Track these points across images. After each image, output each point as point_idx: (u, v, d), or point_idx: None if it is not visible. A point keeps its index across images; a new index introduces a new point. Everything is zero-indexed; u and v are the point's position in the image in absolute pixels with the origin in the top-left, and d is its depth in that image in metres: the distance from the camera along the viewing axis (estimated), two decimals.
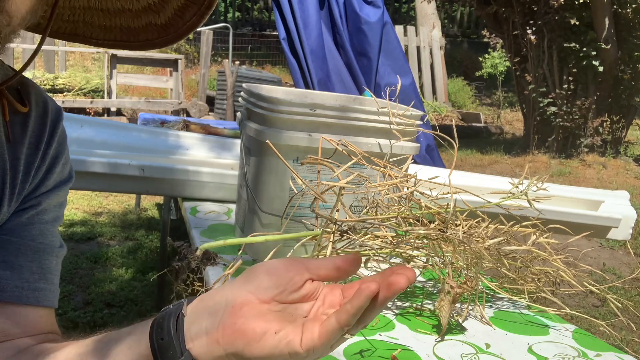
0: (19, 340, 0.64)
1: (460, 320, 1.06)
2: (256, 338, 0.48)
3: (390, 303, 1.10)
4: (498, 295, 1.18)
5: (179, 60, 7.82)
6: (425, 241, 1.05)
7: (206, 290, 1.04)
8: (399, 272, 0.48)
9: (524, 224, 1.09)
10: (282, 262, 0.53)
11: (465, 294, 1.00)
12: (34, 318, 0.66)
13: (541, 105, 6.84)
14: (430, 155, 3.35)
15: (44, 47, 8.25)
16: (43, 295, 0.66)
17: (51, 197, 0.68)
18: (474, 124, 8.94)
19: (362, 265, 1.08)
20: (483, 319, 1.08)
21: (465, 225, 1.04)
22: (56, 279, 0.69)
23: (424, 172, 1.26)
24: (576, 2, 6.22)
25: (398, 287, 0.47)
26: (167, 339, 0.52)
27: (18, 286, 0.64)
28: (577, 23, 6.34)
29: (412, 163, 1.26)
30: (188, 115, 7.38)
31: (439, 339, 0.99)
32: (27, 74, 7.63)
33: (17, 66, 0.69)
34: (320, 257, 1.03)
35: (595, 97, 6.66)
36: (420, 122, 1.26)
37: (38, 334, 0.66)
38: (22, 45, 8.20)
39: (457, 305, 1.11)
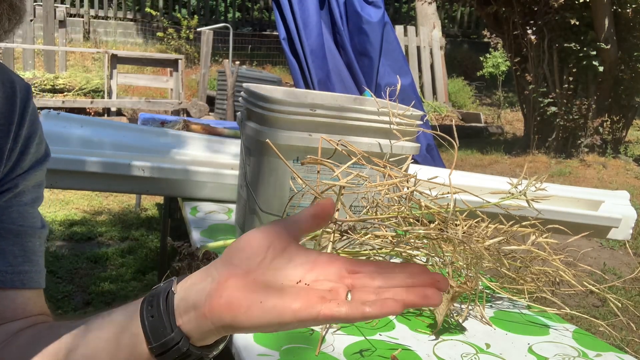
0: (10, 324, 0.64)
1: (460, 320, 1.06)
2: (242, 310, 0.48)
3: None
4: (498, 295, 1.18)
5: (179, 60, 7.82)
6: (425, 241, 1.05)
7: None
8: (439, 284, 0.47)
9: (524, 223, 1.09)
10: (260, 229, 0.52)
11: (465, 293, 1.00)
12: (22, 301, 0.66)
13: (541, 105, 6.84)
14: (430, 155, 3.35)
15: (44, 47, 8.12)
16: (29, 277, 0.66)
17: (28, 178, 0.67)
18: (474, 124, 8.94)
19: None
20: (483, 319, 1.08)
21: (465, 225, 1.04)
22: (41, 259, 0.69)
23: (424, 172, 1.26)
24: (576, 2, 6.22)
25: (431, 303, 0.46)
26: (157, 316, 0.52)
27: (2, 270, 0.64)
28: (577, 23, 6.34)
29: (412, 163, 1.26)
30: (188, 115, 7.38)
31: (434, 338, 0.99)
32: (28, 73, 7.56)
33: (18, 66, 0.68)
34: None
35: (595, 97, 6.66)
36: (420, 122, 1.26)
37: (29, 316, 0.66)
38: (22, 46, 8.21)
39: (457, 305, 1.11)
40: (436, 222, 1.03)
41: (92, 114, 7.44)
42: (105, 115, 7.48)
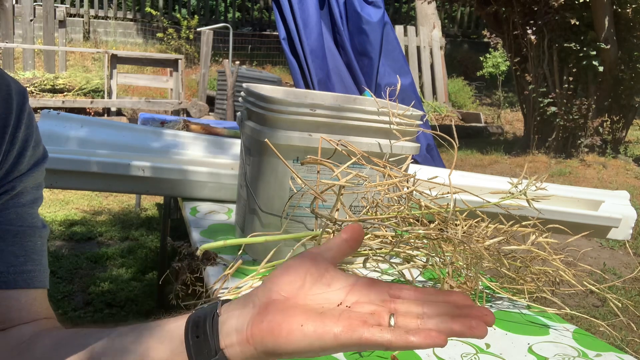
0: (19, 328, 0.64)
1: None
2: (283, 333, 0.48)
3: None
4: (498, 295, 1.18)
5: (179, 60, 7.82)
6: (425, 241, 1.05)
7: (206, 291, 1.05)
8: (486, 317, 0.46)
9: (524, 223, 1.09)
10: (295, 258, 0.53)
11: (465, 294, 1.00)
12: (27, 301, 0.66)
13: (541, 105, 6.84)
14: (430, 155, 3.35)
15: (44, 47, 8.12)
16: (32, 276, 0.67)
17: (25, 180, 0.68)
18: (474, 124, 8.94)
19: (362, 264, 1.08)
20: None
21: (465, 225, 1.04)
22: (44, 259, 0.70)
23: (423, 172, 1.26)
24: (576, 2, 6.22)
25: (477, 334, 0.46)
26: (203, 337, 0.53)
27: (2, 271, 0.64)
28: (577, 23, 6.34)
29: (412, 163, 1.26)
30: (188, 115, 7.38)
31: None
32: (28, 73, 7.55)
33: (18, 66, 0.68)
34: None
35: (595, 97, 6.66)
36: (420, 122, 1.26)
37: (36, 319, 0.66)
38: (22, 46, 8.21)
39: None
40: (436, 222, 1.03)
41: (92, 114, 7.44)
42: (105, 115, 7.48)
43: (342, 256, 0.54)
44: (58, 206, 4.30)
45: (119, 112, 7.64)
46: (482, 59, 10.33)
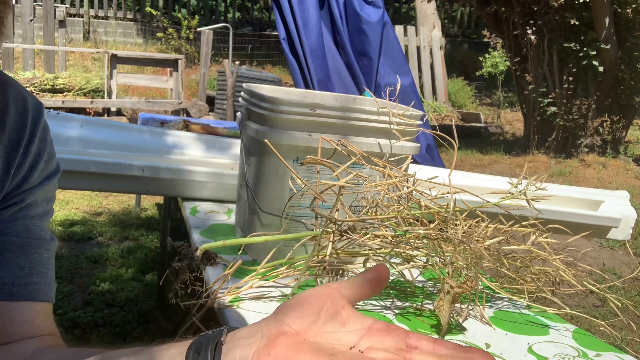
0: (23, 342, 0.63)
1: (460, 320, 1.06)
2: None
3: (390, 303, 1.10)
4: (498, 295, 1.18)
5: (179, 60, 7.82)
6: (425, 241, 1.05)
7: (206, 290, 1.05)
8: None
9: (524, 223, 1.09)
10: (313, 291, 0.51)
11: (465, 293, 1.00)
12: (31, 314, 0.65)
13: (541, 105, 6.84)
14: (430, 155, 3.35)
15: (44, 47, 8.10)
16: (37, 289, 0.66)
17: (36, 192, 0.68)
18: (474, 124, 8.94)
19: (362, 265, 1.08)
20: (483, 319, 1.08)
21: (465, 225, 1.04)
22: (50, 273, 0.69)
23: (423, 171, 1.26)
24: (576, 2, 6.23)
25: None
26: None
27: (7, 283, 0.63)
28: (577, 23, 6.34)
29: (412, 163, 1.26)
30: (188, 115, 7.39)
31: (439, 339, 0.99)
32: (27, 73, 7.55)
33: (18, 66, 0.68)
34: (320, 257, 1.03)
35: (595, 97, 6.66)
36: (420, 122, 1.26)
37: (40, 334, 0.65)
38: (22, 46, 8.21)
39: (457, 305, 1.11)
40: (436, 222, 1.03)
41: (92, 114, 7.44)
42: (105, 115, 7.49)
43: (363, 297, 0.52)
44: (58, 206, 4.30)
45: (119, 112, 7.65)
46: (481, 59, 10.34)
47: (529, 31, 6.66)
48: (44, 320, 0.66)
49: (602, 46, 6.35)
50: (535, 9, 6.68)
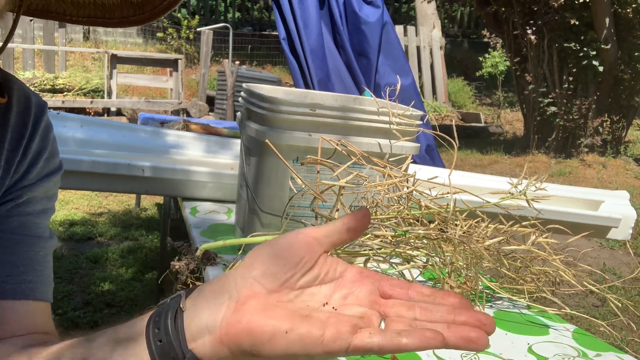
0: (13, 339, 0.61)
1: None
2: (264, 339, 0.43)
3: None
4: (498, 295, 1.18)
5: (179, 60, 7.82)
6: (425, 241, 1.05)
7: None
8: (485, 327, 0.42)
9: (524, 223, 1.09)
10: (289, 240, 0.47)
11: (465, 294, 1.00)
12: (24, 313, 0.63)
13: (541, 105, 6.84)
14: (430, 155, 3.35)
15: (44, 47, 8.14)
16: (31, 287, 0.64)
17: (34, 189, 0.66)
18: (474, 124, 8.94)
19: (362, 265, 1.08)
20: None
21: (465, 225, 1.04)
22: (46, 271, 0.67)
23: (423, 172, 1.26)
24: (576, 2, 6.22)
25: (475, 347, 0.41)
26: (166, 340, 0.46)
27: (1, 280, 0.62)
28: (577, 23, 6.34)
29: (412, 163, 1.26)
30: (188, 115, 7.39)
31: None
32: (27, 73, 7.55)
33: (18, 66, 0.68)
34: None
35: (595, 97, 6.66)
36: (421, 122, 1.26)
37: (32, 332, 0.63)
38: (22, 46, 8.21)
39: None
40: (436, 222, 1.03)
41: (92, 114, 7.44)
42: (105, 115, 7.48)
43: (341, 244, 0.49)
44: (58, 206, 4.30)
45: (118, 112, 7.64)
46: (482, 59, 10.34)
47: (529, 31, 6.66)
48: (39, 319, 0.64)
49: (602, 46, 6.35)
50: (535, 9, 6.68)
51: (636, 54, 6.58)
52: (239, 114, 1.32)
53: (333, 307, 0.45)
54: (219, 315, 0.45)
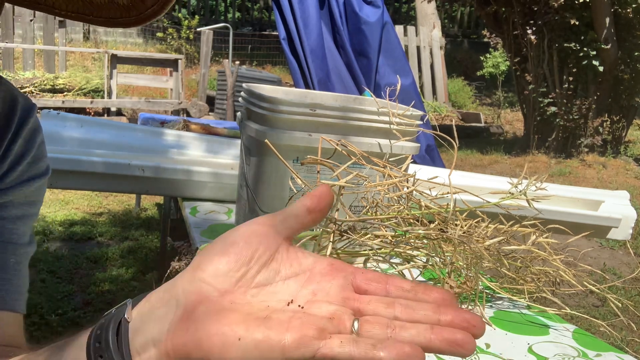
0: None
1: None
2: (215, 349, 0.37)
3: None
4: (498, 295, 1.18)
5: (179, 60, 7.82)
6: (425, 241, 1.05)
7: None
8: (474, 328, 0.37)
9: (524, 223, 1.09)
10: (240, 232, 0.41)
11: (466, 294, 1.00)
12: None
13: (541, 105, 6.84)
14: (430, 155, 3.35)
15: (44, 47, 8.13)
16: None
17: (11, 193, 0.63)
18: (474, 124, 8.94)
19: (362, 265, 1.08)
20: (483, 319, 1.08)
21: (465, 225, 1.04)
22: (16, 279, 0.62)
23: (423, 172, 1.26)
24: (576, 2, 6.22)
25: (461, 352, 0.36)
26: (107, 356, 0.41)
27: None
28: (577, 23, 6.34)
29: (412, 163, 1.26)
30: (188, 115, 7.39)
31: None
32: (28, 73, 7.55)
33: (18, 66, 0.67)
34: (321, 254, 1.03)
35: (595, 97, 6.66)
36: (421, 122, 1.26)
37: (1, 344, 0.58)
38: (22, 46, 8.21)
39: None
40: (436, 222, 1.03)
41: (92, 114, 7.44)
42: (105, 115, 7.48)
43: (302, 229, 0.42)
44: (58, 206, 4.30)
45: (119, 112, 7.64)
46: (482, 59, 10.34)
47: (529, 31, 6.66)
48: (4, 330, 0.59)
49: (602, 46, 6.35)
50: (535, 9, 6.68)
51: (636, 54, 6.58)
52: (239, 114, 1.32)
53: (299, 306, 0.39)
54: (164, 326, 0.39)
